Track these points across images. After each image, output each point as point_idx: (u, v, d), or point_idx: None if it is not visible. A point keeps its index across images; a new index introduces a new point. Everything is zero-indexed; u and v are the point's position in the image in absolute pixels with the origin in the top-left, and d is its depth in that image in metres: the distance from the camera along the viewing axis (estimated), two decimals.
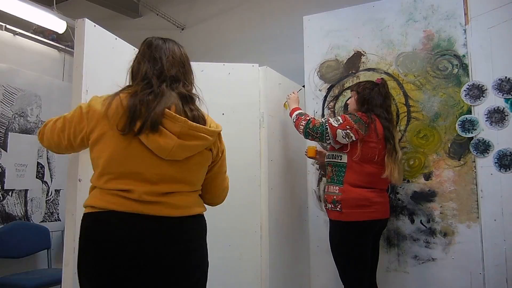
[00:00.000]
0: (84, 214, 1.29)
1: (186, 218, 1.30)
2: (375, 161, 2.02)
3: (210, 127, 1.35)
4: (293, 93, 2.43)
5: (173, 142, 1.24)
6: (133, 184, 1.23)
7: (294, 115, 2.22)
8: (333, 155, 2.13)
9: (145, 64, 1.36)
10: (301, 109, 2.27)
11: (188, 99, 1.34)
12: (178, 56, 1.41)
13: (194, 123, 1.29)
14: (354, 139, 2.01)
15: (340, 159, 2.08)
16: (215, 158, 1.42)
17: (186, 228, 1.30)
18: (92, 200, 1.27)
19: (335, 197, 2.04)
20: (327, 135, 2.02)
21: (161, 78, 1.32)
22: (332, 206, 2.06)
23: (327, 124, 2.03)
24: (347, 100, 2.30)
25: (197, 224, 1.35)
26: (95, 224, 1.25)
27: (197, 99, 1.40)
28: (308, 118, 2.12)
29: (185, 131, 1.27)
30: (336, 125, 2.01)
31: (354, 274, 2.02)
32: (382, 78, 2.24)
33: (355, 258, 2.01)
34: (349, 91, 2.55)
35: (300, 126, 2.11)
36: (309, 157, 2.49)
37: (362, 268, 2.02)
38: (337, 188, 2.05)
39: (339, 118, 2.05)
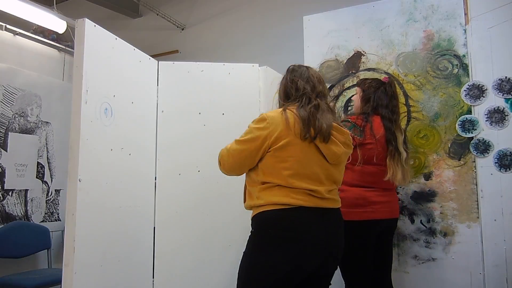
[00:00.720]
0: (271, 210, 1.51)
1: (339, 209, 1.66)
2: (374, 162, 1.99)
3: None
4: None
5: (342, 150, 1.60)
6: (314, 184, 1.54)
7: None
8: None
9: (300, 82, 1.65)
10: None
11: (334, 112, 1.67)
12: (320, 77, 1.71)
13: (350, 135, 1.68)
14: (353, 146, 1.97)
15: None
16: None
17: (341, 216, 1.66)
18: (279, 198, 1.51)
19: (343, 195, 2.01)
20: None
21: (314, 93, 1.63)
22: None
23: None
24: (351, 96, 2.25)
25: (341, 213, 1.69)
26: (289, 218, 1.51)
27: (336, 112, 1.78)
28: None
29: (346, 141, 1.64)
30: None
31: (354, 275, 2.00)
32: (389, 77, 2.21)
33: (355, 258, 1.97)
34: (349, 91, 2.56)
35: None
36: None
37: (362, 269, 1.99)
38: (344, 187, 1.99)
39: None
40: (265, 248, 1.51)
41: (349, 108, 2.55)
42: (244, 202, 1.69)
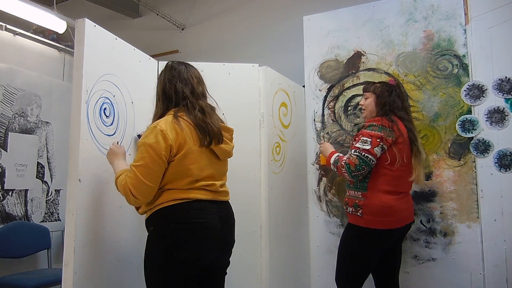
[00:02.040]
0: (171, 205, 1.56)
1: (229, 201, 1.76)
2: (403, 162, 1.97)
3: None
4: (322, 143, 2.31)
5: (231, 146, 1.74)
6: (210, 180, 1.64)
7: (331, 165, 2.08)
8: None
9: (178, 84, 1.66)
10: (335, 153, 2.10)
11: (214, 110, 1.73)
12: (199, 76, 1.76)
13: (232, 129, 1.78)
14: (386, 147, 1.94)
15: None
16: None
17: (231, 208, 1.77)
18: (177, 195, 1.57)
19: (357, 201, 1.97)
20: (371, 162, 1.92)
21: (194, 96, 1.67)
22: (353, 210, 1.99)
23: (362, 152, 1.91)
24: (361, 102, 2.18)
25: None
26: (188, 210, 1.57)
27: (216, 109, 1.76)
28: (343, 162, 1.96)
29: (231, 136, 1.77)
30: (369, 147, 1.91)
31: (354, 277, 2.00)
32: (394, 79, 2.21)
33: (360, 263, 1.97)
34: (349, 91, 2.56)
35: (345, 175, 1.97)
36: (322, 165, 2.46)
37: (361, 274, 2.00)
38: (360, 193, 1.98)
39: (364, 138, 1.94)
40: (169, 241, 1.54)
41: (349, 108, 2.55)
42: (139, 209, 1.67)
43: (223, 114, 2.44)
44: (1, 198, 2.90)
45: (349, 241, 2.03)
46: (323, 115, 2.64)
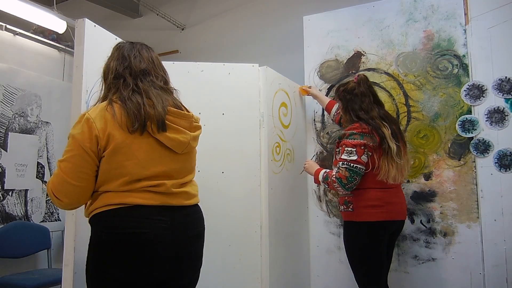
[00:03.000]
0: (104, 211, 1.29)
1: (195, 207, 1.44)
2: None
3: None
4: (306, 162, 2.31)
5: (189, 137, 1.36)
6: (158, 180, 1.31)
7: (321, 183, 2.08)
8: None
9: (112, 62, 1.38)
10: (320, 170, 2.09)
11: (169, 92, 1.42)
12: (146, 52, 1.44)
13: (195, 115, 1.42)
14: (371, 154, 1.93)
15: None
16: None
17: (198, 215, 1.44)
18: (113, 199, 1.29)
19: (346, 198, 2.00)
20: (361, 170, 1.91)
21: (131, 74, 1.35)
22: (345, 207, 2.01)
23: (350, 163, 1.90)
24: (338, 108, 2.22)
25: (201, 211, 1.47)
26: (123, 218, 1.28)
27: (174, 90, 1.46)
28: (334, 178, 1.94)
29: (191, 124, 1.39)
30: (356, 157, 1.90)
31: (368, 276, 1.96)
32: (358, 75, 2.12)
33: (368, 259, 1.95)
34: None
35: (338, 189, 1.98)
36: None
37: (377, 270, 1.95)
38: (349, 191, 1.98)
39: (349, 149, 1.92)
40: (98, 255, 1.30)
41: None
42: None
43: (223, 114, 2.45)
44: (1, 198, 2.90)
45: (350, 240, 2.02)
46: (323, 115, 2.64)
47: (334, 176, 1.95)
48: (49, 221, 3.23)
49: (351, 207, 1.97)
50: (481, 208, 2.15)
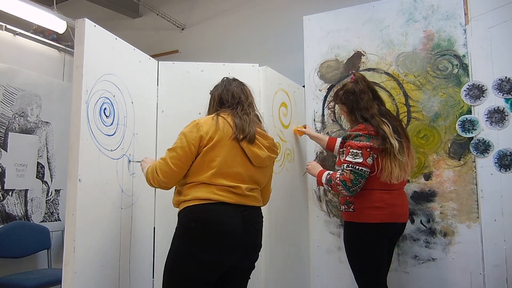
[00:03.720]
0: (194, 205, 1.62)
1: (260, 208, 1.80)
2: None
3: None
4: (309, 163, 2.28)
5: (266, 154, 1.73)
6: (236, 182, 1.66)
7: (324, 185, 2.04)
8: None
9: (235, 91, 1.82)
10: (324, 172, 2.07)
11: (260, 121, 1.85)
12: (250, 91, 1.90)
13: (275, 141, 1.83)
14: (376, 155, 1.90)
15: None
16: (272, 169, 1.90)
17: (261, 214, 1.80)
18: (202, 193, 1.62)
19: (348, 198, 1.97)
20: (366, 173, 1.88)
21: (247, 103, 1.81)
22: (346, 207, 1.99)
23: (355, 166, 1.87)
24: (340, 114, 2.23)
25: (261, 211, 1.83)
26: (210, 212, 1.61)
27: (263, 122, 1.88)
28: (338, 180, 1.91)
29: (271, 146, 1.78)
30: (362, 159, 1.87)
31: (369, 279, 1.95)
32: (354, 74, 2.09)
33: (369, 261, 1.93)
34: None
35: (343, 192, 1.93)
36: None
37: (377, 271, 1.94)
38: None
39: (354, 151, 1.89)
40: (187, 240, 1.61)
41: None
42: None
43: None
44: (1, 198, 2.90)
45: (350, 241, 2.01)
46: (323, 115, 2.64)
47: (338, 178, 1.91)
48: (49, 221, 3.23)
49: (352, 207, 1.96)
50: (481, 208, 2.15)
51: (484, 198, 2.14)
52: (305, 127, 2.63)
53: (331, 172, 2.02)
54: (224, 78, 1.92)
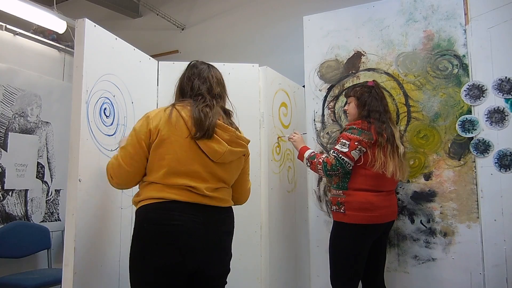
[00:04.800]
0: (146, 204, 1.50)
1: (228, 208, 1.64)
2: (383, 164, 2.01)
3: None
4: (295, 133, 2.37)
5: (225, 148, 1.55)
6: (193, 181, 1.50)
7: (305, 159, 2.15)
8: None
9: (195, 81, 1.63)
10: (309, 149, 2.21)
11: (228, 114, 1.68)
12: (220, 78, 1.73)
13: (239, 133, 1.64)
14: (365, 150, 1.99)
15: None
16: (245, 163, 1.74)
17: (229, 215, 1.65)
18: (155, 192, 1.50)
19: (339, 199, 2.05)
20: (347, 164, 1.98)
21: (210, 94, 1.62)
22: (337, 207, 2.06)
23: (339, 154, 1.98)
24: (344, 106, 2.26)
25: (232, 212, 1.68)
26: (162, 211, 1.48)
27: (233, 114, 1.71)
28: (321, 160, 2.03)
29: (233, 139, 1.59)
30: (347, 150, 1.97)
31: (344, 277, 2.04)
32: (374, 80, 2.24)
33: (349, 261, 2.02)
34: None
35: (319, 172, 2.06)
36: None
37: (354, 272, 2.03)
38: (341, 191, 2.05)
39: (343, 140, 2.01)
40: (140, 243, 1.49)
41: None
42: None
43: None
44: (1, 198, 2.90)
45: (336, 239, 2.08)
46: (323, 115, 2.64)
47: (322, 159, 2.03)
48: (49, 221, 3.23)
49: (342, 208, 2.03)
50: (481, 208, 2.15)
51: (484, 198, 2.14)
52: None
53: (316, 152, 2.13)
54: (190, 63, 1.73)
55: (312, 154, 2.13)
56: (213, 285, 1.59)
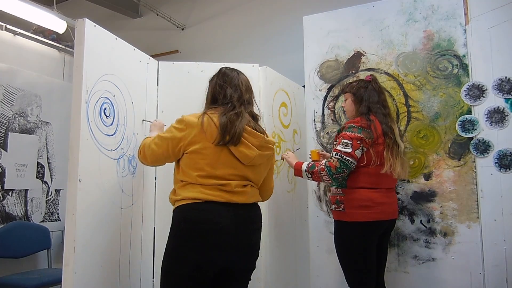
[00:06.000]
0: (184, 204, 1.62)
1: (256, 205, 1.75)
2: (382, 161, 1.99)
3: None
4: (288, 150, 2.40)
5: (255, 153, 1.68)
6: (225, 181, 1.63)
7: (304, 172, 2.08)
8: None
9: (228, 90, 1.74)
10: (303, 162, 2.12)
11: (256, 119, 1.79)
12: (249, 84, 1.82)
13: (267, 138, 1.76)
14: (366, 148, 1.97)
15: None
16: (271, 163, 1.86)
17: (257, 212, 1.76)
18: (191, 193, 1.61)
19: (338, 197, 2.03)
20: (352, 164, 1.94)
21: (240, 101, 1.73)
22: (336, 206, 2.04)
23: (343, 155, 1.93)
24: (342, 104, 2.25)
25: (260, 209, 1.78)
26: (198, 211, 1.60)
27: (260, 118, 1.82)
28: (322, 166, 1.97)
29: (262, 144, 1.72)
30: (351, 150, 1.93)
31: (358, 276, 1.99)
32: (371, 74, 2.22)
33: (358, 259, 1.98)
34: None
35: (325, 178, 1.98)
36: (313, 161, 2.34)
37: (366, 270, 1.98)
38: (340, 190, 2.04)
39: (345, 141, 1.95)
40: (177, 240, 1.60)
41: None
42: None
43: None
44: (1, 198, 2.90)
45: (340, 240, 2.05)
46: (323, 115, 2.64)
47: (324, 164, 1.96)
48: (49, 221, 3.23)
49: (342, 207, 2.01)
50: (481, 208, 2.15)
51: (484, 198, 2.14)
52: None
53: (318, 163, 2.05)
54: (221, 68, 1.83)
55: (310, 164, 2.07)
56: (238, 280, 1.71)
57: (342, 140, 1.97)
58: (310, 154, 2.40)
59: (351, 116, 2.14)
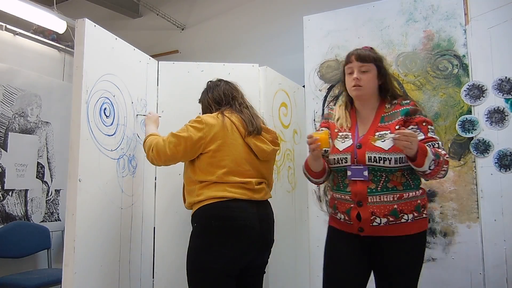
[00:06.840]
0: (211, 203, 1.68)
1: (268, 201, 1.86)
2: None
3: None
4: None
5: (270, 148, 1.82)
6: (247, 178, 1.73)
7: (427, 162, 1.50)
8: (403, 158, 1.56)
9: (235, 93, 1.90)
10: (423, 144, 1.55)
11: (257, 114, 1.92)
12: (236, 87, 1.97)
13: (276, 134, 1.91)
14: None
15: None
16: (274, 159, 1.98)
17: (271, 208, 1.86)
18: (217, 192, 1.68)
19: (419, 201, 1.64)
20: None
21: (246, 103, 1.91)
22: (417, 214, 1.64)
23: (441, 143, 1.60)
24: (354, 75, 1.66)
25: (271, 205, 1.89)
26: (228, 209, 1.68)
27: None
28: (446, 157, 1.56)
29: (274, 140, 1.86)
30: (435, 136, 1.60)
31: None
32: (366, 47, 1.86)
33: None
34: None
35: (441, 174, 1.59)
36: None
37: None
38: (420, 191, 1.68)
39: (432, 127, 1.61)
40: (208, 237, 1.67)
41: None
42: (184, 202, 1.86)
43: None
44: (1, 198, 2.90)
45: (421, 257, 1.79)
46: (323, 115, 2.63)
47: (446, 156, 1.52)
48: (49, 221, 3.23)
49: (424, 212, 1.69)
50: (481, 208, 2.15)
51: (484, 198, 2.14)
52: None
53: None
54: (208, 82, 1.98)
55: (434, 151, 1.52)
56: (261, 270, 1.84)
57: (429, 127, 1.57)
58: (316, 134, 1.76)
59: (365, 94, 1.67)
